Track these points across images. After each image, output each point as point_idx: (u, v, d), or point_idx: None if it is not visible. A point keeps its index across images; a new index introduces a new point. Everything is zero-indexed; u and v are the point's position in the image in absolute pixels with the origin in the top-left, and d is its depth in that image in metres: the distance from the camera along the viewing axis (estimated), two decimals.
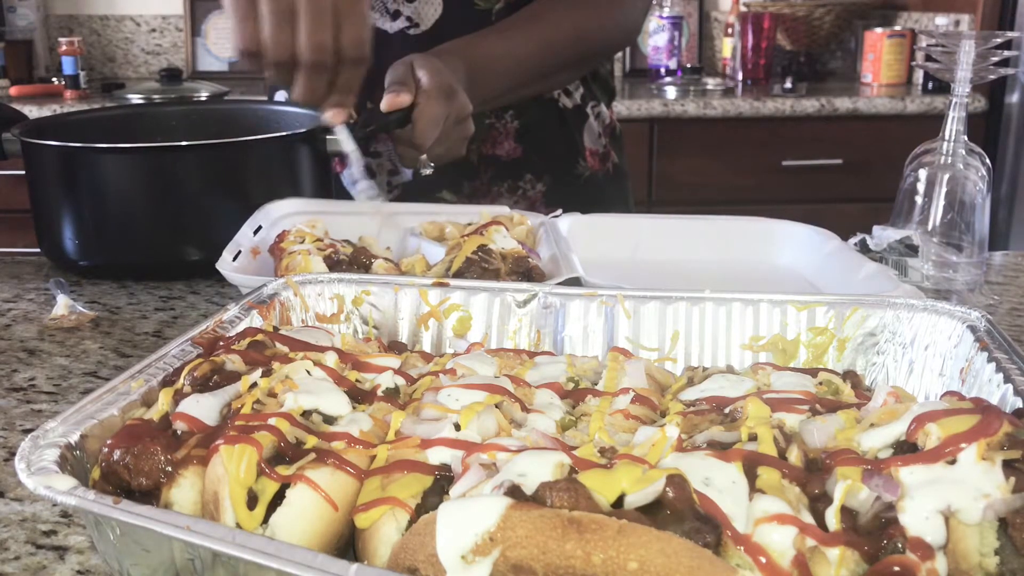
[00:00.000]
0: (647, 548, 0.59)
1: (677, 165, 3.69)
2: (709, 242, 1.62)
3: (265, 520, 0.69)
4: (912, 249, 1.53)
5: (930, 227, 1.54)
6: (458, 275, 1.25)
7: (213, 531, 0.63)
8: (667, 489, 0.64)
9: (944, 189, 1.53)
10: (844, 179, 3.69)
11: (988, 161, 1.54)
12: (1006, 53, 1.48)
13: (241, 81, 4.08)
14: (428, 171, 1.52)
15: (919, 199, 1.55)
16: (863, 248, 1.55)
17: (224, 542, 0.62)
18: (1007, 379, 0.86)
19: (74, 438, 0.74)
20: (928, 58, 1.55)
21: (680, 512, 0.64)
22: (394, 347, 1.08)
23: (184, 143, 1.53)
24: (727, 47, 4.31)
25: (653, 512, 0.64)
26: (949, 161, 1.53)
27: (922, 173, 1.55)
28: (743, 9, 4.20)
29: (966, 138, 1.53)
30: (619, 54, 4.42)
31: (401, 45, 1.65)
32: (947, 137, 1.53)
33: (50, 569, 0.80)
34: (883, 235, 1.55)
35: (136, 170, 1.51)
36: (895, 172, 1.63)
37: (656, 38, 4.20)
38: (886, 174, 2.21)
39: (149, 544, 0.67)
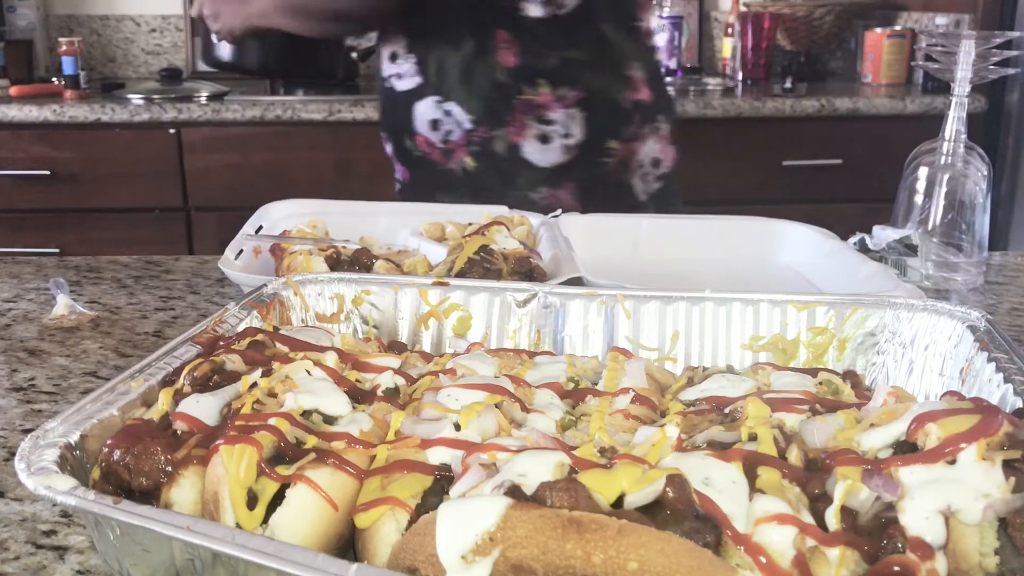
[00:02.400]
0: (647, 548, 0.59)
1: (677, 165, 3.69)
2: (709, 242, 1.62)
3: (265, 520, 0.69)
4: (911, 249, 1.53)
5: (930, 227, 1.54)
6: (460, 276, 1.25)
7: (213, 531, 0.63)
8: (667, 489, 0.64)
9: (944, 189, 1.53)
10: (844, 179, 3.68)
11: (988, 161, 1.54)
12: (1006, 53, 1.48)
13: (241, 81, 4.08)
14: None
15: (919, 199, 1.55)
16: (862, 248, 1.55)
17: (224, 542, 0.62)
18: (1007, 379, 0.87)
19: (74, 438, 0.74)
20: (928, 58, 1.55)
21: (680, 512, 0.64)
22: (394, 347, 1.08)
23: None
24: (727, 47, 4.30)
25: (653, 512, 0.64)
26: (949, 161, 1.53)
27: (922, 173, 1.55)
28: (743, 9, 4.19)
29: (966, 138, 1.53)
30: None
31: None
32: (947, 137, 1.53)
33: (50, 569, 0.80)
34: (882, 235, 1.55)
35: None
36: (895, 172, 1.63)
37: (656, 38, 4.20)
38: (886, 174, 2.21)
39: (149, 544, 0.67)
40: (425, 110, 1.86)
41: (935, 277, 1.51)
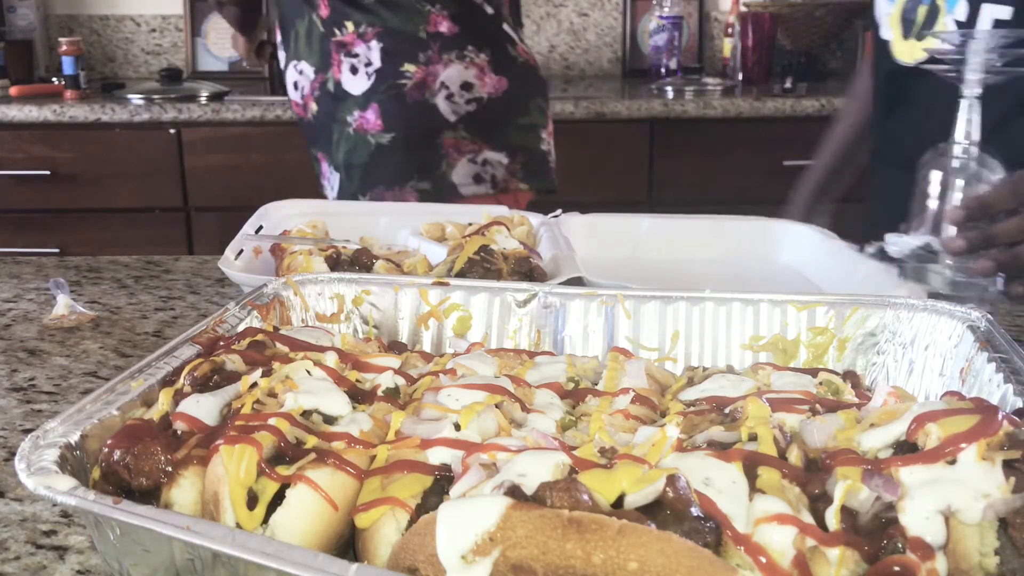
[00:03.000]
0: (647, 548, 0.59)
1: (677, 165, 3.69)
2: (709, 242, 1.62)
3: (265, 520, 0.69)
4: (933, 255, 1.48)
5: (944, 232, 1.48)
6: (460, 276, 1.25)
7: (213, 531, 0.63)
8: (667, 489, 0.64)
9: (957, 192, 1.49)
10: None
11: (1001, 164, 1.51)
12: (1018, 51, 1.45)
13: (241, 81, 4.08)
14: None
15: (932, 203, 1.48)
16: (882, 257, 1.48)
17: (224, 542, 0.62)
18: (1007, 379, 0.86)
19: (74, 438, 0.74)
20: (932, 60, 1.53)
21: (680, 512, 0.64)
22: (394, 347, 1.08)
23: None
24: (727, 47, 4.30)
25: (653, 512, 0.64)
26: (961, 164, 1.47)
27: (935, 176, 1.48)
28: (743, 9, 4.19)
29: (978, 140, 1.48)
30: (618, 52, 4.43)
31: None
32: (958, 140, 1.46)
33: (50, 569, 0.80)
34: (902, 242, 1.47)
35: None
36: None
37: (656, 38, 4.20)
38: None
39: (149, 544, 0.67)
40: (289, 76, 2.22)
41: (958, 283, 1.47)
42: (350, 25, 2.10)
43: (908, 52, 1.82)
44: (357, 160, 2.09)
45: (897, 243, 1.48)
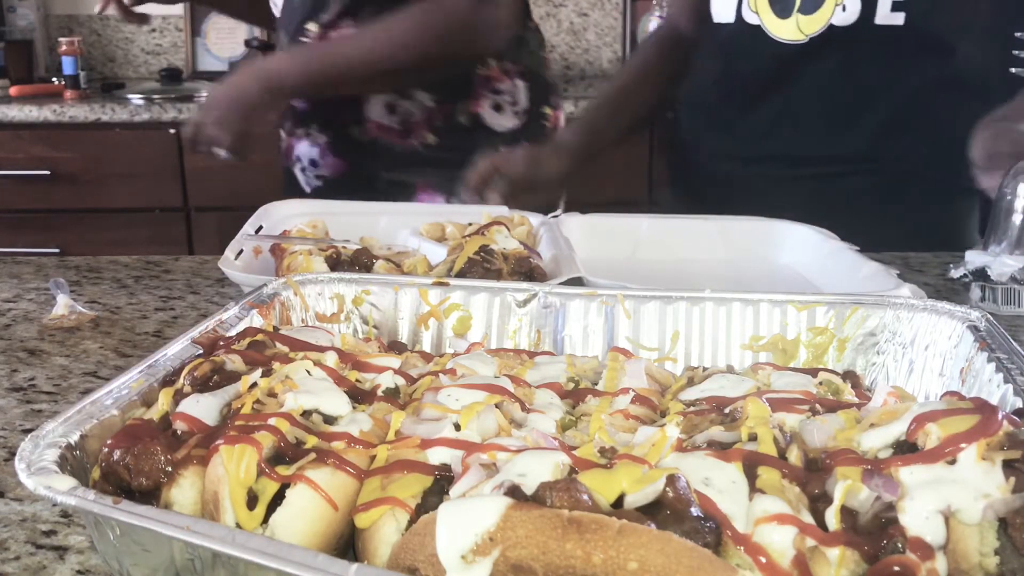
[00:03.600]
0: (647, 548, 0.59)
1: None
2: (709, 242, 1.62)
3: (265, 520, 0.69)
4: None
5: None
6: (460, 276, 1.25)
7: (213, 531, 0.63)
8: (667, 489, 0.64)
9: None
10: None
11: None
12: None
13: None
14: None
15: (1017, 219, 1.38)
16: (982, 277, 1.38)
17: (224, 542, 0.62)
18: (1007, 379, 0.87)
19: (74, 438, 0.74)
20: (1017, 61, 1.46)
21: (680, 512, 0.64)
22: (394, 347, 1.08)
23: None
24: None
25: (653, 512, 0.64)
26: None
27: (1021, 190, 1.37)
28: None
29: None
30: (618, 52, 4.43)
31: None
32: None
33: (50, 569, 0.80)
34: (998, 263, 1.37)
35: None
36: None
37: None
38: None
39: (149, 544, 0.67)
40: (379, 97, 2.07)
41: None
42: (494, 59, 2.09)
43: (794, 30, 1.79)
44: None
45: (992, 265, 1.39)
